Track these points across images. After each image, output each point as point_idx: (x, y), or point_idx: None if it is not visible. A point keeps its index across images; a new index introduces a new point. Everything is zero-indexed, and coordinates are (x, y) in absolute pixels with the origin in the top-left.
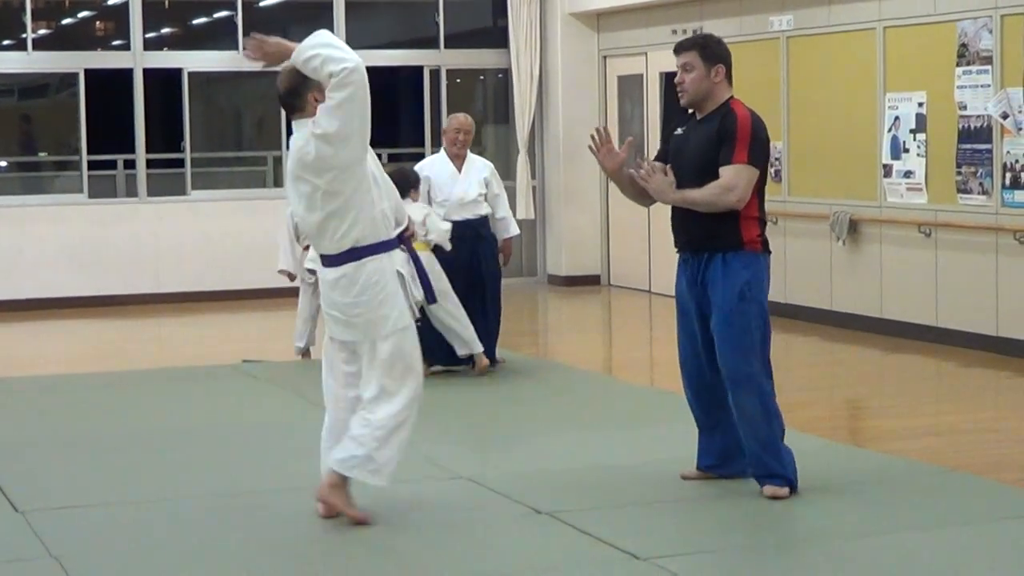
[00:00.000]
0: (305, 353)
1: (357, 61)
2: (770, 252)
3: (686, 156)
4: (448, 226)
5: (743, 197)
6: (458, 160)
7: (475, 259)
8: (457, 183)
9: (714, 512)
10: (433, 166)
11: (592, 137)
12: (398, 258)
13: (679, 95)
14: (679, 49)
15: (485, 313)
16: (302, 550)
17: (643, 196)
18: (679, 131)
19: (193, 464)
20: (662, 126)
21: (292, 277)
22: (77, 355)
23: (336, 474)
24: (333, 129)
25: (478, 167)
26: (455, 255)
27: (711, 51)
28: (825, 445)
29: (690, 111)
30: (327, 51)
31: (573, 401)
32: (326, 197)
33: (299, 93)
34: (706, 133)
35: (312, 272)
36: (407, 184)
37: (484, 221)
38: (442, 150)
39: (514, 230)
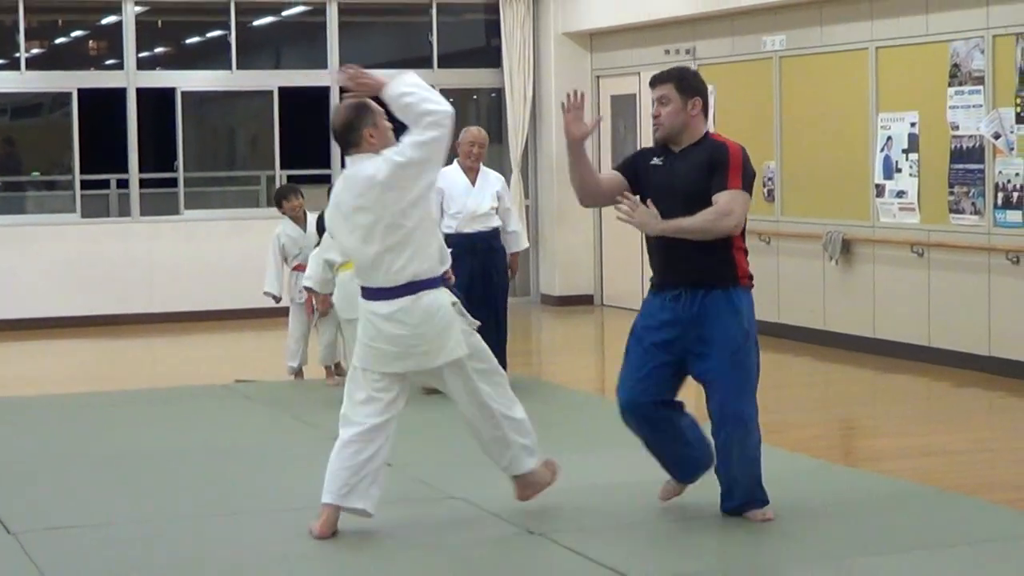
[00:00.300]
0: (298, 373)
1: (451, 109)
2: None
3: (675, 187)
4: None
5: (740, 222)
6: (472, 173)
7: (487, 271)
8: (471, 196)
9: (708, 533)
10: (446, 178)
11: (568, 96)
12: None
13: (654, 129)
14: (655, 82)
15: (497, 325)
16: (295, 570)
17: (585, 182)
18: (656, 161)
19: (186, 484)
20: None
21: (277, 299)
22: (70, 375)
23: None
24: (417, 158)
25: (491, 180)
26: (469, 267)
27: (687, 84)
28: (818, 465)
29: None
30: (424, 92)
31: (566, 421)
32: (388, 230)
33: (356, 128)
34: (695, 163)
35: (310, 290)
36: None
37: (496, 233)
38: (455, 162)
39: (524, 244)
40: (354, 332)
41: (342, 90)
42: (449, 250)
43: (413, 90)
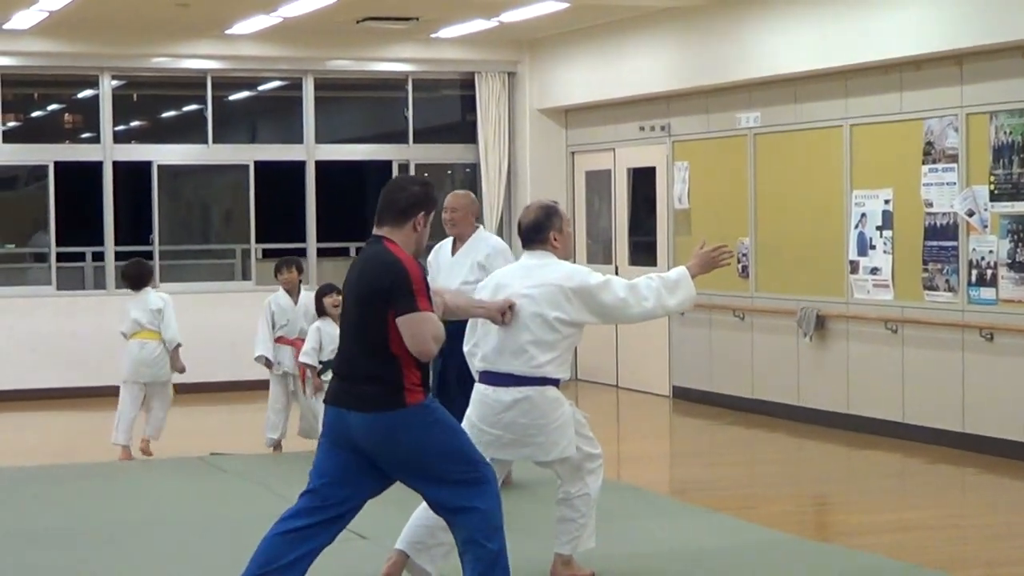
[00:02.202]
0: (277, 446)
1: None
2: None
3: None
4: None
5: None
6: (458, 242)
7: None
8: (444, 269)
9: None
10: (438, 252)
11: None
12: None
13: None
14: None
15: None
16: None
17: None
18: None
19: (161, 557)
20: (629, 221)
21: (270, 365)
22: (44, 447)
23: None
24: (609, 302)
25: (478, 248)
26: (449, 355)
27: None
28: (792, 540)
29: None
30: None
31: (540, 497)
32: (546, 327)
33: (544, 229)
34: None
35: (307, 365)
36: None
37: None
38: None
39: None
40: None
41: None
42: None
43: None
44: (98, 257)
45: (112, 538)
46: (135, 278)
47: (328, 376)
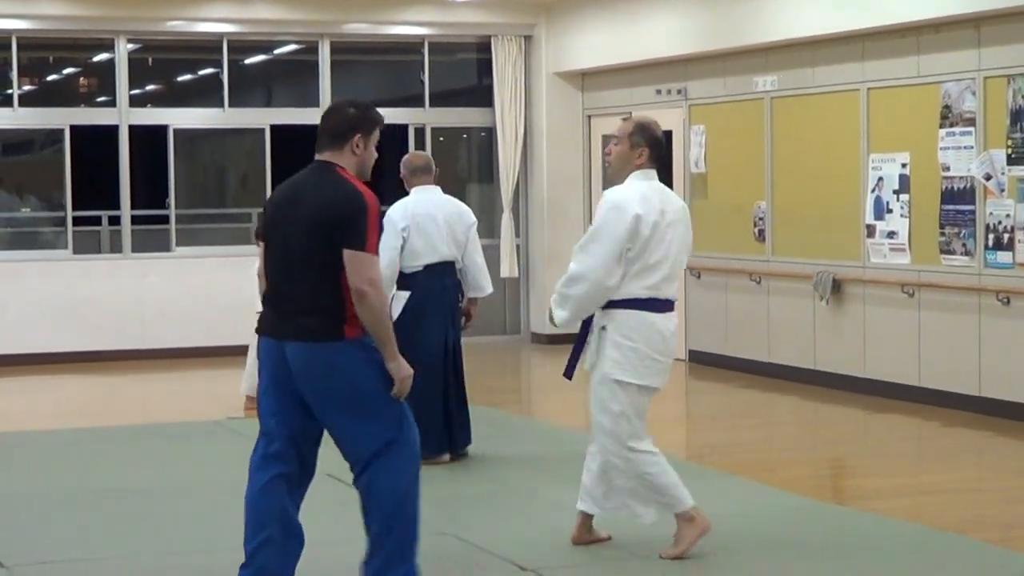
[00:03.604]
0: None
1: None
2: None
3: None
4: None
5: None
6: None
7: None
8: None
9: (697, 571)
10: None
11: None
12: None
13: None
14: None
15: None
16: None
17: None
18: None
19: (179, 520)
20: None
21: None
22: (61, 411)
23: None
24: None
25: None
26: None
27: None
28: (808, 504)
29: None
30: None
31: (556, 459)
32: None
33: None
34: None
35: None
36: None
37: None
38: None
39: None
40: None
41: None
42: None
43: None
44: (114, 221)
45: (129, 502)
46: None
47: None
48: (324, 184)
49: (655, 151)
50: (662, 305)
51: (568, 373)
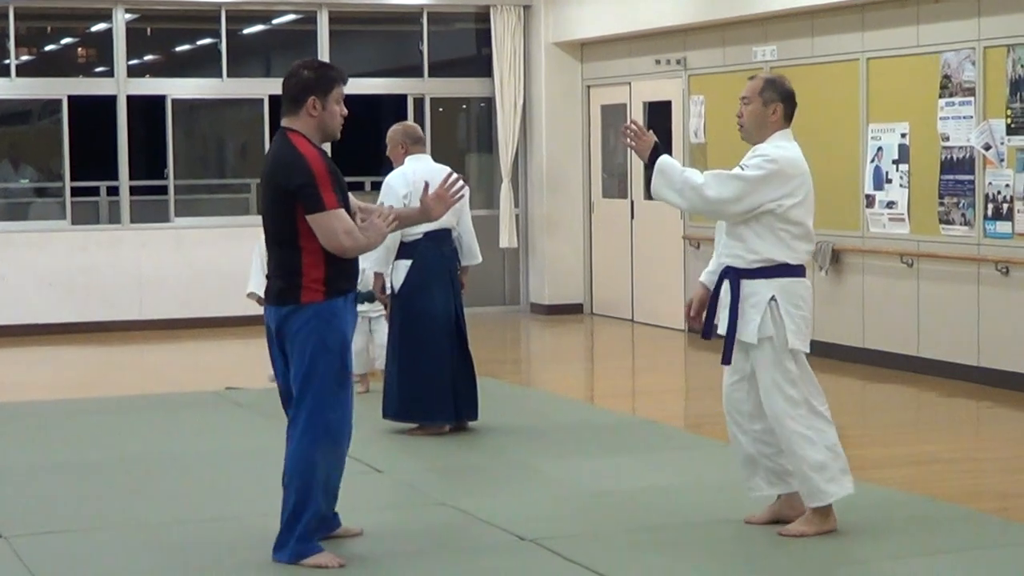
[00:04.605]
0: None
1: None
2: None
3: None
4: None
5: None
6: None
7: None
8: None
9: (696, 539)
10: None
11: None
12: None
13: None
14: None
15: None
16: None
17: None
18: None
19: (177, 490)
20: None
21: (261, 301)
22: (60, 382)
23: None
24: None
25: None
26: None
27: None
28: None
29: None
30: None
31: (555, 429)
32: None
33: None
34: None
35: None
36: None
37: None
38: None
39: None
40: None
41: None
42: None
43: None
44: (112, 192)
45: (127, 472)
46: None
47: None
48: (275, 153)
49: (789, 107)
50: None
51: (707, 334)
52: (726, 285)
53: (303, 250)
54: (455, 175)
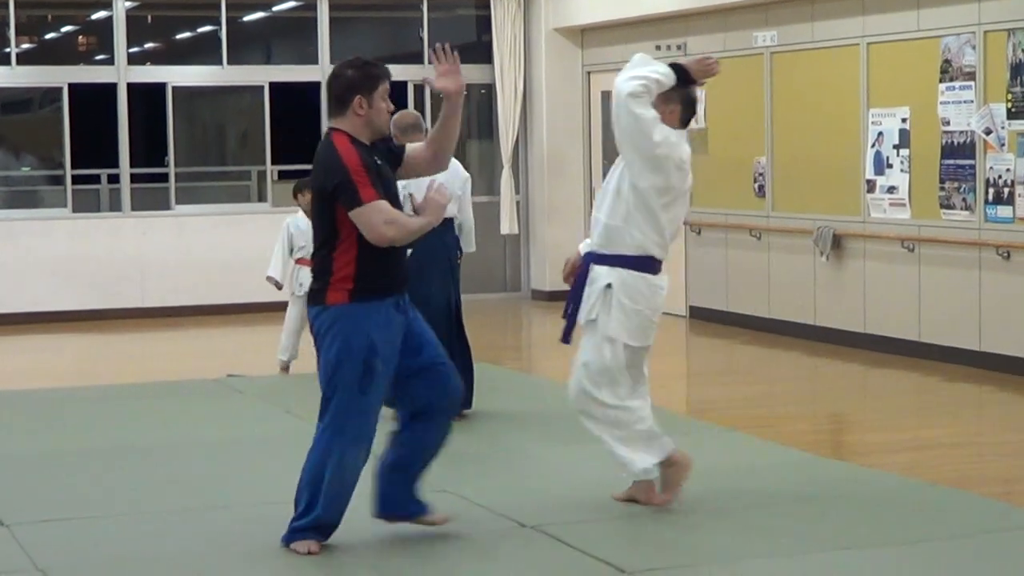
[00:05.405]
0: (285, 368)
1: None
2: None
3: None
4: None
5: None
6: None
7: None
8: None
9: (697, 525)
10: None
11: (439, 48)
12: None
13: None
14: None
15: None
16: (287, 561)
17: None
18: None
19: (178, 478)
20: None
21: (279, 286)
22: (61, 369)
23: None
24: None
25: None
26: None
27: None
28: (808, 458)
29: None
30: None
31: (556, 415)
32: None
33: None
34: None
35: None
36: None
37: None
38: None
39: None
40: None
41: None
42: None
43: None
44: (113, 180)
45: (128, 459)
46: None
47: None
48: (317, 156)
49: (687, 112)
50: (660, 266)
51: (566, 339)
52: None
53: (336, 250)
54: (437, 183)
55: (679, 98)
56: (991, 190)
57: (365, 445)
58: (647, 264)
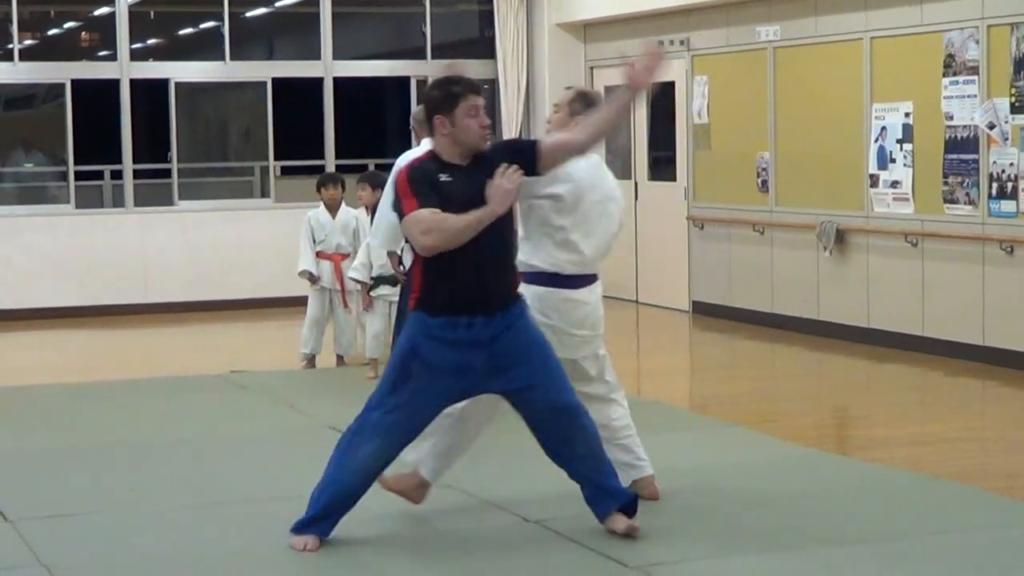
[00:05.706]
0: (310, 362)
1: None
2: None
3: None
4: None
5: None
6: None
7: None
8: None
9: (701, 520)
10: None
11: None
12: None
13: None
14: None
15: None
16: (290, 558)
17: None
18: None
19: (182, 473)
20: (649, 136)
21: (314, 279)
22: (65, 365)
23: None
24: None
25: None
26: None
27: None
28: (812, 453)
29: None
30: None
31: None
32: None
33: None
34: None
35: (361, 281)
36: None
37: None
38: None
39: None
40: None
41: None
42: None
43: None
44: (116, 175)
45: (132, 455)
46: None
47: (379, 291)
48: None
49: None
50: (583, 280)
51: None
52: None
53: (414, 263)
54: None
55: (584, 110)
56: (994, 185)
57: (378, 442)
58: (561, 280)
